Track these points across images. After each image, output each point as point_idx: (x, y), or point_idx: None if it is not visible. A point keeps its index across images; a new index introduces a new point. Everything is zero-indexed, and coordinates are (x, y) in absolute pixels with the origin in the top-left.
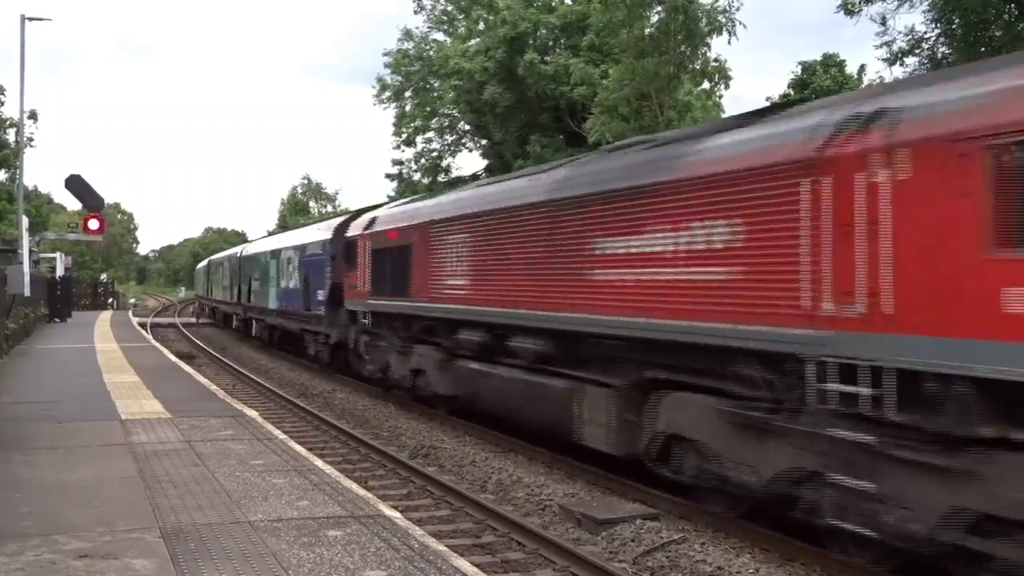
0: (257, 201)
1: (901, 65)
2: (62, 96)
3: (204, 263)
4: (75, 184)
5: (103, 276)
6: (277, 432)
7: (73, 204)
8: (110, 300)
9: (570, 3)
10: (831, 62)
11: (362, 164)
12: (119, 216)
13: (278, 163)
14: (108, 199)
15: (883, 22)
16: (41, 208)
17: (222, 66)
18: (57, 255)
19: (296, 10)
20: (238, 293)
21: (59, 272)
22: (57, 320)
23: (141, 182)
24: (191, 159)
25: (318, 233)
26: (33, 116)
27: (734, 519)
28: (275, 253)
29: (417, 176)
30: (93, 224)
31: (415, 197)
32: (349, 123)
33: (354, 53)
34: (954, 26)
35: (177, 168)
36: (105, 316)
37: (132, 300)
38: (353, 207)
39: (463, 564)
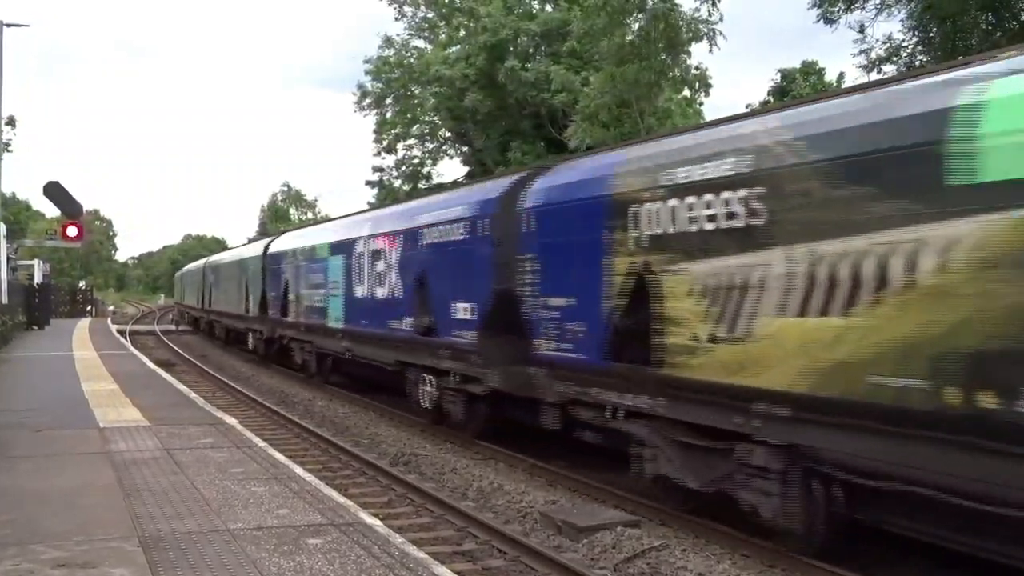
0: (237, 208)
1: (879, 72)
2: (40, 102)
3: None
4: (54, 191)
5: (82, 283)
6: (257, 440)
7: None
8: (89, 307)
9: (551, 10)
10: (811, 70)
11: (342, 171)
12: (98, 223)
13: (258, 170)
14: (87, 206)
15: (861, 30)
16: (19, 215)
17: (201, 73)
18: (35, 262)
19: (275, 17)
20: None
21: (37, 279)
22: (35, 328)
23: (120, 189)
24: (170, 166)
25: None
26: (11, 122)
27: (715, 526)
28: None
29: (398, 183)
30: (72, 231)
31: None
32: (329, 130)
33: (334, 60)
34: (932, 35)
35: (156, 175)
36: (84, 324)
37: (111, 307)
38: (333, 214)
39: (444, 572)
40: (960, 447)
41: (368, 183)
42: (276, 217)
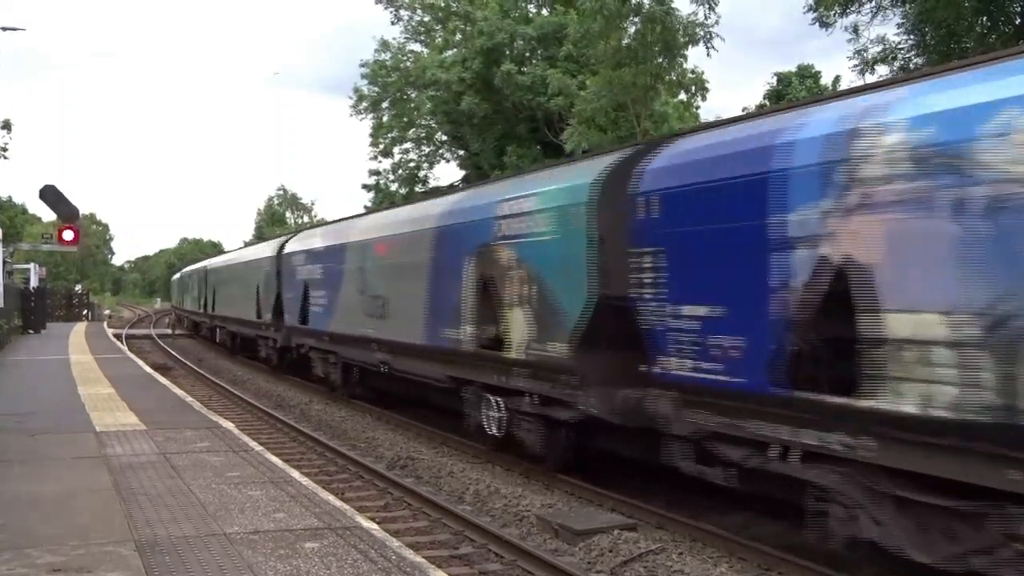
0: (233, 211)
1: (873, 74)
2: (36, 104)
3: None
4: (49, 194)
5: (78, 287)
6: (253, 444)
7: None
8: (85, 311)
9: (547, 14)
10: (807, 73)
11: (339, 175)
12: (94, 226)
13: (254, 173)
14: (83, 209)
15: (855, 31)
16: (15, 218)
17: (198, 76)
18: (31, 266)
19: (270, 20)
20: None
21: (33, 283)
22: (31, 331)
23: (116, 193)
24: (167, 170)
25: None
26: (6, 126)
27: (712, 529)
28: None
29: (394, 187)
30: (68, 235)
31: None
32: (326, 133)
33: (329, 63)
34: (927, 37)
35: (152, 179)
36: (80, 327)
37: (107, 311)
38: (330, 217)
39: None
40: None
41: (364, 187)
42: (272, 221)
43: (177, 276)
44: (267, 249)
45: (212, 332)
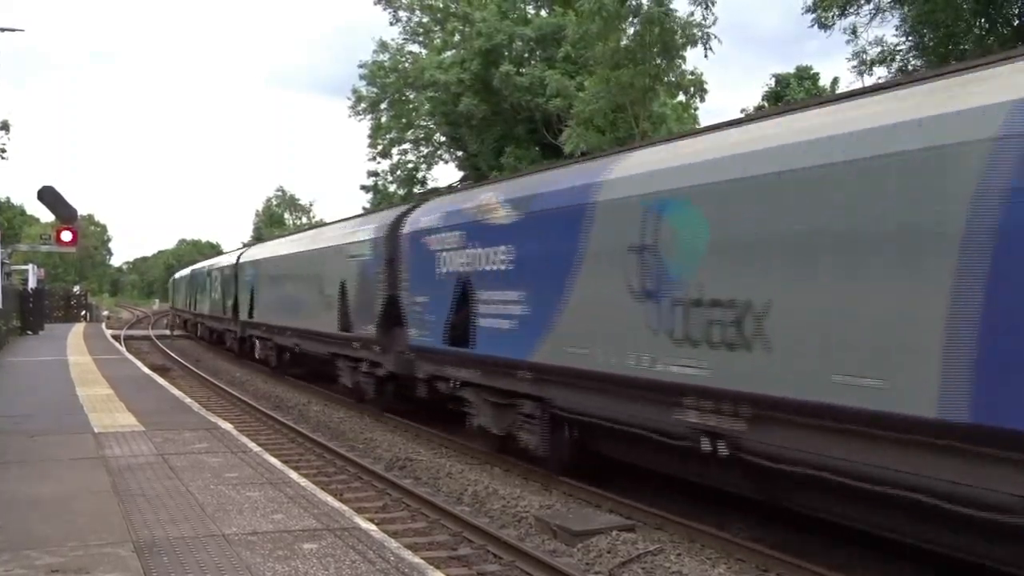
0: (231, 212)
1: (871, 75)
2: (34, 105)
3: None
4: (48, 195)
5: (76, 288)
6: (252, 445)
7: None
8: (83, 312)
9: (545, 15)
10: (805, 74)
11: (337, 176)
12: (92, 227)
13: (252, 174)
14: (81, 210)
15: (853, 32)
16: (14, 219)
17: (197, 77)
18: (30, 267)
19: (268, 21)
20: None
21: (31, 284)
22: (29, 333)
23: (115, 194)
24: (165, 171)
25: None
26: (5, 127)
27: (710, 530)
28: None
29: (393, 187)
30: (66, 236)
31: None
32: (324, 135)
33: (329, 65)
34: (926, 39)
35: (151, 180)
36: (78, 328)
37: (106, 312)
38: (328, 218)
39: None
40: None
41: (363, 187)
42: (271, 221)
43: (186, 273)
44: (372, 228)
45: (243, 344)
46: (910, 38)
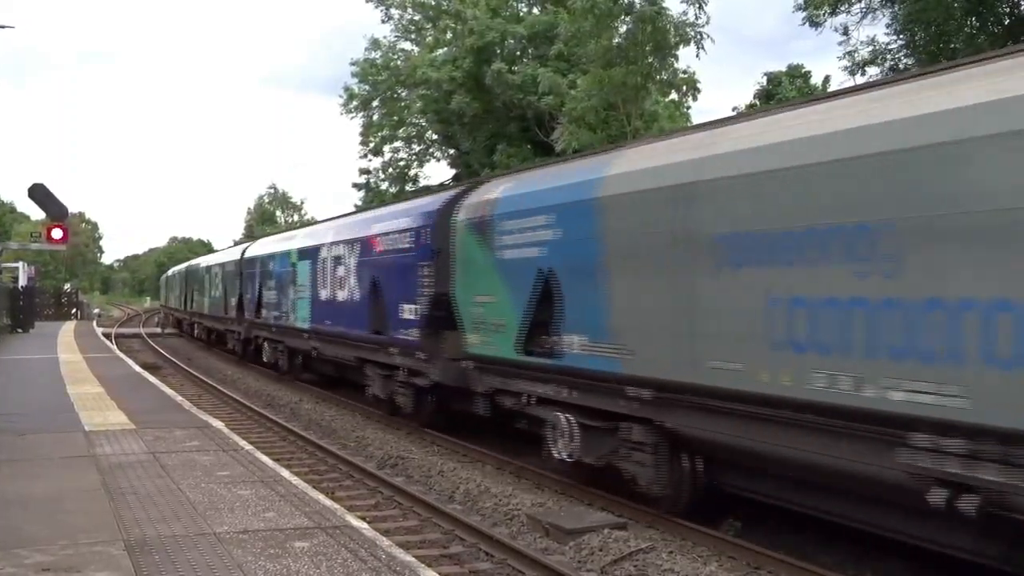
0: (223, 210)
1: (863, 75)
2: (25, 103)
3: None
4: (38, 193)
5: (67, 286)
6: (243, 443)
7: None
8: (74, 310)
9: (538, 13)
10: (796, 73)
11: (329, 173)
12: (83, 225)
13: (244, 172)
14: (72, 208)
15: (845, 32)
16: (4, 217)
17: (188, 75)
18: (20, 265)
19: (259, 19)
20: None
21: (22, 282)
22: (20, 331)
23: (106, 191)
24: (156, 169)
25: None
26: None
27: (702, 528)
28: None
29: (384, 185)
30: (56, 233)
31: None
32: (316, 133)
33: (321, 63)
34: (917, 38)
35: (142, 178)
36: (69, 327)
37: (97, 310)
38: (320, 216)
39: (431, 575)
40: None
41: (355, 185)
42: (262, 219)
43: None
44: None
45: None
46: (901, 37)
